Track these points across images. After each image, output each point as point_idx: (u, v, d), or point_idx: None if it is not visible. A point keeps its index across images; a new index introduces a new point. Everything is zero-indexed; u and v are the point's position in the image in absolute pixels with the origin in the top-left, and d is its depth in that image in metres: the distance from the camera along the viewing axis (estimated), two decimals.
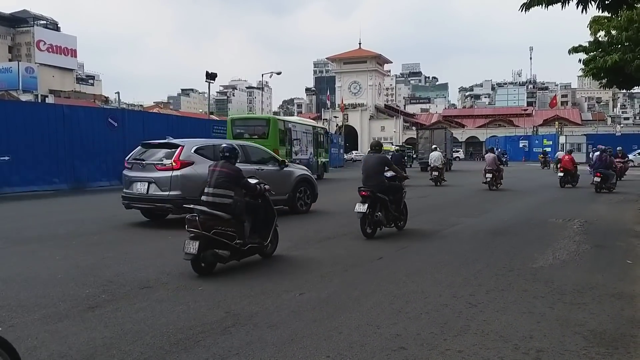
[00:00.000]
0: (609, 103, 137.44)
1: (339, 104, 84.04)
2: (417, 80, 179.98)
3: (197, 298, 5.08)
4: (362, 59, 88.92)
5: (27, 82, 73.40)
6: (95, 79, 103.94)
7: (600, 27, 15.10)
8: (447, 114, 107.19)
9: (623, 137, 50.89)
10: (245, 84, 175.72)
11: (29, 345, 3.85)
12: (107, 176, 21.21)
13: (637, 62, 13.66)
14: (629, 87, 19.45)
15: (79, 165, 19.82)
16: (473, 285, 5.63)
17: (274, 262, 6.75)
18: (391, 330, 4.19)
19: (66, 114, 19.94)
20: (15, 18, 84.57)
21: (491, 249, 7.76)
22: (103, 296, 5.15)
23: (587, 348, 3.82)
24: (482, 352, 3.74)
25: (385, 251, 7.55)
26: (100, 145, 20.73)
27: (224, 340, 3.96)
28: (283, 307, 4.80)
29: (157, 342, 3.92)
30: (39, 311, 4.66)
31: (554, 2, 8.78)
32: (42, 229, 9.78)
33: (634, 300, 5.10)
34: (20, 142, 17.90)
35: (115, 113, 24.52)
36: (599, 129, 76.82)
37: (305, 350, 3.76)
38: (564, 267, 6.56)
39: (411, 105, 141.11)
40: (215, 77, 35.83)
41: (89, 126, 20.48)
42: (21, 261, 6.90)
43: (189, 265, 5.94)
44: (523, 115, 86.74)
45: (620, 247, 8.04)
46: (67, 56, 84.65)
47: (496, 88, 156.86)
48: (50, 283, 5.67)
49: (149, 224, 10.35)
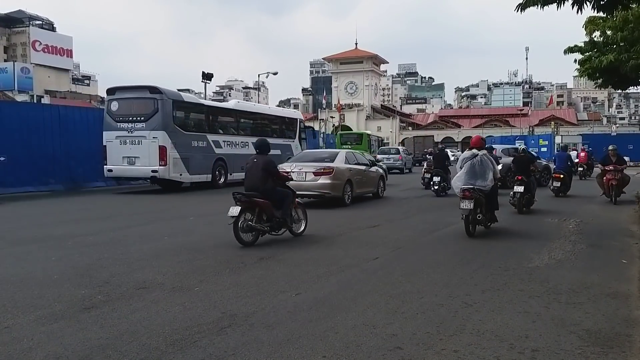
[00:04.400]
0: (604, 103, 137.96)
1: (335, 104, 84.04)
2: (413, 81, 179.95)
3: (193, 298, 5.08)
4: (359, 59, 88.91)
5: (23, 82, 73.14)
6: (91, 79, 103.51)
7: (596, 27, 15.15)
8: (443, 114, 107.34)
9: (619, 137, 51.05)
10: (242, 84, 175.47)
11: (25, 346, 3.84)
12: (102, 177, 21.06)
13: (633, 62, 13.72)
14: (624, 87, 19.52)
15: (75, 166, 19.74)
16: (469, 285, 5.64)
17: (270, 263, 6.76)
18: (387, 330, 4.19)
19: (62, 115, 19.86)
20: (10, 18, 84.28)
21: (487, 249, 7.78)
22: (99, 297, 5.14)
23: (582, 347, 3.83)
24: (478, 351, 3.75)
25: (381, 251, 7.56)
26: (96, 146, 20.61)
27: (220, 340, 3.96)
28: (279, 308, 4.80)
29: (153, 342, 3.91)
30: (35, 312, 4.65)
31: (550, 3, 8.80)
32: (37, 229, 9.75)
33: (629, 299, 5.12)
34: (15, 142, 17.81)
35: None
36: (594, 128, 77.03)
37: (302, 351, 3.76)
38: (560, 267, 6.58)
39: (407, 105, 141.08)
40: (211, 77, 35.76)
41: (84, 127, 20.39)
42: (16, 262, 6.88)
43: (185, 266, 5.96)
44: (519, 116, 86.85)
45: (615, 246, 8.08)
46: (62, 56, 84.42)
47: (492, 88, 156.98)
48: (46, 284, 5.66)
49: (147, 225, 10.34)
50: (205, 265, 6.55)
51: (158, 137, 16.99)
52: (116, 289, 5.44)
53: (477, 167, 9.11)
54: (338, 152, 14.98)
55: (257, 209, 7.85)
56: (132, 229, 9.80)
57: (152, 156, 17.01)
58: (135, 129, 17.21)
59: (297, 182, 12.41)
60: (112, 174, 18.23)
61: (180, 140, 17.75)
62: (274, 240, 8.23)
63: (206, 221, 10.83)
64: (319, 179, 13.18)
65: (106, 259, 6.94)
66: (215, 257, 7.00)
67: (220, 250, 7.48)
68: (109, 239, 8.52)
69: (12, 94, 67.26)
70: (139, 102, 17.67)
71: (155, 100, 17.27)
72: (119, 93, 18.11)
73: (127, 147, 17.36)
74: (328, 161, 13.73)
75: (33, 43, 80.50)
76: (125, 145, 17.39)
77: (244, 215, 7.68)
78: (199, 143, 18.92)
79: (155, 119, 17.10)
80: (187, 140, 18.25)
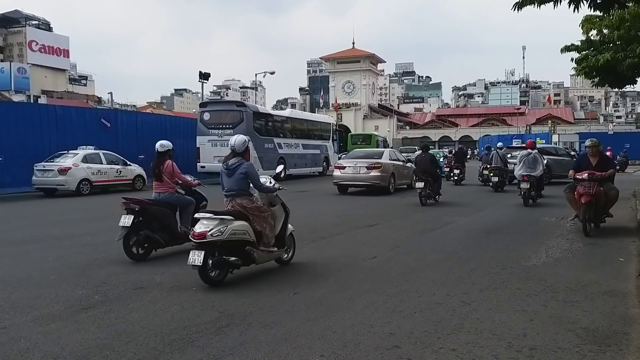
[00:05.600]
0: (601, 102, 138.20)
1: (332, 104, 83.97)
2: (410, 80, 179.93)
3: (191, 298, 5.07)
4: (356, 59, 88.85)
5: (20, 82, 72.82)
6: (88, 80, 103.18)
7: (592, 26, 15.19)
8: (440, 113, 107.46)
9: (615, 136, 51.16)
10: (239, 83, 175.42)
11: (22, 346, 3.83)
12: None
13: (629, 60, 13.74)
14: (620, 86, 19.53)
15: None
16: (466, 283, 5.64)
17: (268, 262, 6.74)
18: (385, 329, 4.19)
19: (59, 115, 19.87)
20: (7, 18, 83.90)
21: (484, 248, 7.79)
22: (96, 297, 5.14)
23: (580, 345, 3.84)
24: (475, 350, 3.75)
25: (378, 250, 7.57)
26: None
27: (218, 340, 3.95)
28: (277, 307, 4.79)
29: (151, 342, 3.91)
30: (32, 312, 4.64)
31: (546, 1, 8.81)
32: (34, 230, 9.73)
33: (627, 297, 5.13)
34: (12, 142, 17.81)
35: (108, 113, 24.46)
36: (591, 127, 77.17)
37: (299, 350, 3.76)
38: (557, 265, 6.59)
39: (405, 104, 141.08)
40: (208, 77, 35.75)
41: (81, 127, 20.40)
42: (14, 262, 6.87)
43: (183, 266, 5.92)
44: (516, 114, 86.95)
45: (612, 245, 8.09)
46: (59, 56, 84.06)
47: (489, 87, 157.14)
48: (43, 284, 5.65)
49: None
50: None
51: None
52: (113, 289, 5.44)
53: (531, 162, 13.37)
54: (383, 151, 18.61)
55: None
56: None
57: None
58: (224, 134, 21.63)
59: (353, 175, 16.53)
60: (205, 170, 21.63)
61: (257, 143, 22.13)
62: None
63: None
64: (371, 172, 16.41)
65: (103, 259, 6.94)
66: None
67: None
68: (106, 239, 8.50)
69: (8, 94, 66.95)
70: (227, 113, 22.72)
71: (240, 112, 22.49)
72: (210, 106, 24.06)
73: (217, 149, 21.48)
74: (377, 158, 17.04)
75: (30, 43, 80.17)
76: (216, 147, 21.73)
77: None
78: (268, 145, 23.84)
79: (241, 127, 21.47)
80: (262, 143, 23.07)
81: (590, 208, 8.60)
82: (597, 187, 8.52)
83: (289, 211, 6.55)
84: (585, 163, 9.08)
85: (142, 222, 6.95)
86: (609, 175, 8.84)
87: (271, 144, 24.14)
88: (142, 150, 21.84)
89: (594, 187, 8.50)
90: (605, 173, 8.75)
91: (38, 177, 16.98)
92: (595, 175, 8.60)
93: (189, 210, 7.44)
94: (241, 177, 5.98)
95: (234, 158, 6.12)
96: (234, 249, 5.62)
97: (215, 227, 5.43)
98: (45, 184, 17.02)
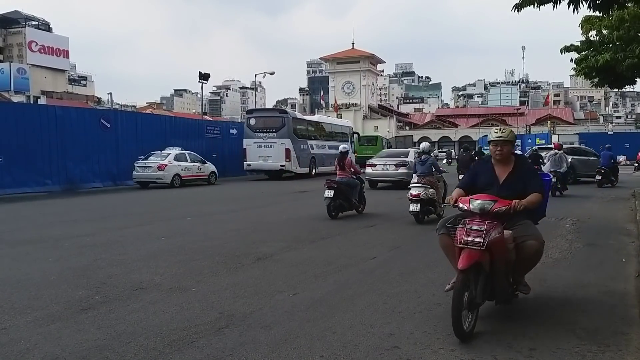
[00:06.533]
0: (601, 102, 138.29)
1: (332, 104, 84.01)
2: (410, 80, 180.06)
3: (191, 299, 5.08)
4: (356, 59, 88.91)
5: (19, 83, 72.79)
6: (87, 80, 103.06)
7: (592, 26, 15.19)
8: (440, 114, 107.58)
9: (615, 136, 51.17)
10: (239, 84, 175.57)
11: (22, 347, 3.83)
12: (100, 177, 21.14)
13: (629, 61, 13.75)
14: (620, 86, 19.54)
15: (72, 166, 19.73)
16: None
17: (268, 263, 6.76)
18: (385, 329, 4.20)
19: (58, 115, 19.85)
20: (6, 19, 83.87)
21: None
22: (96, 298, 5.14)
23: (579, 346, 3.84)
24: (475, 350, 3.75)
25: (378, 251, 7.57)
26: (93, 147, 20.64)
27: (218, 341, 3.96)
28: (277, 308, 4.79)
29: (151, 343, 3.91)
30: (32, 313, 4.64)
31: (546, 2, 8.81)
32: (34, 230, 9.73)
33: (626, 298, 5.13)
34: (12, 143, 17.80)
35: (108, 114, 24.44)
36: (591, 127, 77.20)
37: (299, 351, 3.76)
38: (557, 266, 6.60)
39: (404, 105, 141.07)
40: (208, 77, 35.82)
41: (81, 127, 20.39)
42: (14, 263, 6.87)
43: (182, 266, 5.97)
44: (516, 115, 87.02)
45: (612, 245, 8.09)
46: (59, 57, 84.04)
47: (489, 87, 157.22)
48: (43, 285, 5.65)
49: (144, 225, 10.32)
50: (202, 265, 6.55)
51: (285, 143, 25.62)
52: (113, 289, 5.44)
53: (557, 160, 16.30)
54: (409, 151, 20.75)
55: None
56: (129, 230, 9.78)
57: (280, 155, 25.53)
58: (269, 137, 25.77)
59: (383, 172, 19.18)
60: (250, 168, 26.54)
61: (296, 144, 26.29)
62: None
63: (203, 222, 10.83)
64: (398, 169, 18.85)
65: (103, 260, 6.93)
66: (212, 258, 7.00)
67: (217, 251, 7.48)
68: (106, 240, 8.51)
69: (8, 94, 66.96)
70: (271, 119, 26.53)
71: (283, 118, 26.38)
72: (256, 113, 28.65)
73: (262, 150, 25.73)
74: (403, 157, 19.54)
75: (29, 44, 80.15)
76: (260, 148, 25.79)
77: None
78: (303, 146, 27.30)
79: (283, 131, 25.71)
80: (299, 145, 26.73)
81: (471, 276, 4.05)
82: (497, 232, 4.00)
83: (447, 184, 11.27)
84: (485, 176, 4.68)
85: (335, 194, 10.93)
86: (527, 204, 4.22)
87: (305, 145, 27.61)
88: (142, 151, 21.88)
89: (492, 230, 3.96)
90: (518, 202, 4.16)
91: (139, 172, 20.72)
92: (495, 208, 4.11)
93: (357, 189, 11.57)
94: (429, 165, 10.68)
95: (423, 155, 10.94)
96: (430, 203, 10.36)
97: (423, 191, 10.17)
98: (145, 178, 20.83)
